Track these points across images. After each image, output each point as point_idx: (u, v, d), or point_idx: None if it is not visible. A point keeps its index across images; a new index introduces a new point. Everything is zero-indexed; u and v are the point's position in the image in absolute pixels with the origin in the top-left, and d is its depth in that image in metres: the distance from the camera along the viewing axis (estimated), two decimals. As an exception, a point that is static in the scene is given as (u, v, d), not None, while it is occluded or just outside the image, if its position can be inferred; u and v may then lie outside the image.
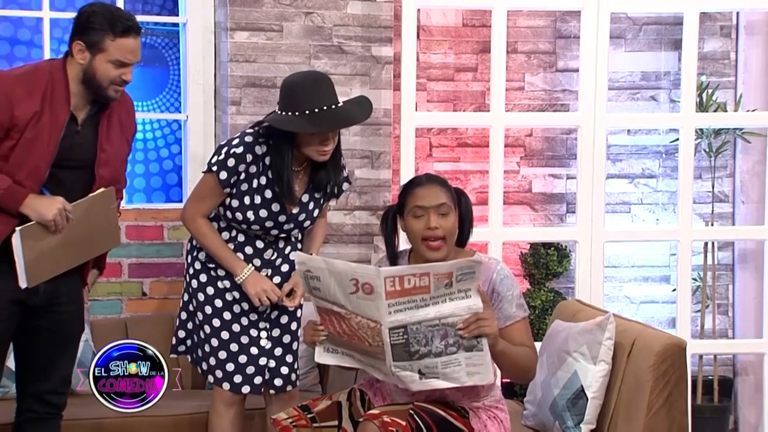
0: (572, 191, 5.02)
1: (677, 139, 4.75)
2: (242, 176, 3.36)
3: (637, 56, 5.13)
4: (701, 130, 4.86)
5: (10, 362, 3.58)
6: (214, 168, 3.36)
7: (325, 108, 3.28)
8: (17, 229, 3.10)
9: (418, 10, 4.63)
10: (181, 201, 4.63)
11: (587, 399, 3.37)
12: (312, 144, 3.32)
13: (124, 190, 3.52)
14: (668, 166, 5.14)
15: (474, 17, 5.01)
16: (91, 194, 3.22)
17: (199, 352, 3.48)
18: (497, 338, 2.84)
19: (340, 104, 3.34)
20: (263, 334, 3.47)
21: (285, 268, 3.50)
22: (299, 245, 3.55)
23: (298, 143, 3.34)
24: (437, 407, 2.96)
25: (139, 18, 4.94)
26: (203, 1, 4.60)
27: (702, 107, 4.81)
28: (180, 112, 4.85)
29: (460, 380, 2.85)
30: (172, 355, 3.58)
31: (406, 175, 4.38)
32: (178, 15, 4.77)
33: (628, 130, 5.13)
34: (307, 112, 3.27)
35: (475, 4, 4.84)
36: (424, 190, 3.04)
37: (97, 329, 4.22)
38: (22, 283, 3.14)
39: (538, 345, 3.79)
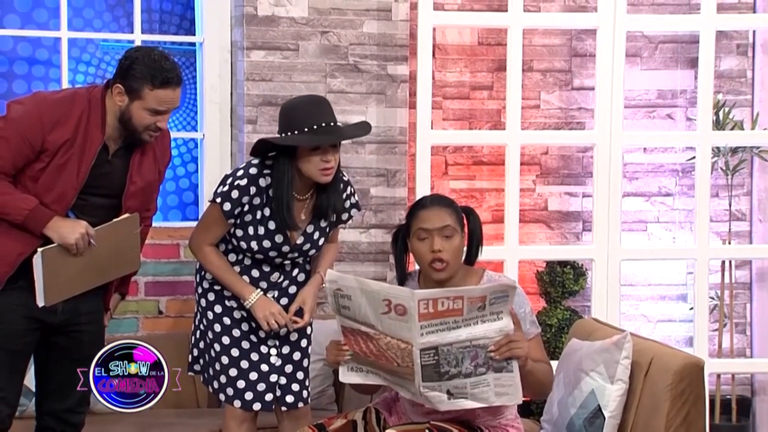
0: (588, 209, 5.01)
1: (694, 158, 4.74)
2: (246, 207, 3.38)
3: (654, 74, 5.12)
4: (718, 148, 4.84)
5: (29, 381, 3.60)
6: (218, 199, 3.38)
7: (324, 125, 3.30)
8: (39, 250, 3.12)
9: (434, 29, 4.64)
10: (197, 219, 4.64)
11: (604, 418, 3.35)
12: (312, 162, 3.32)
13: (153, 218, 3.54)
14: (685, 185, 5.12)
15: (489, 36, 5.02)
16: (115, 219, 3.25)
17: (210, 371, 3.49)
18: (528, 359, 2.86)
19: (339, 124, 3.36)
20: (273, 351, 3.47)
21: (293, 289, 3.51)
22: (307, 266, 3.56)
23: (299, 166, 3.34)
24: (453, 426, 2.95)
25: (157, 37, 5.02)
26: (220, 20, 4.63)
27: (719, 125, 4.80)
28: (196, 131, 4.87)
29: (488, 400, 2.86)
30: (190, 373, 3.60)
31: (422, 193, 4.38)
32: (194, 35, 4.80)
33: (645, 149, 5.12)
34: (306, 129, 3.28)
35: (491, 23, 4.85)
36: (428, 213, 3.04)
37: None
38: (40, 302, 3.16)
39: (554, 363, 3.79)
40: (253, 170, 3.38)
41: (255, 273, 3.45)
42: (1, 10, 4.90)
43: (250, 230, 3.40)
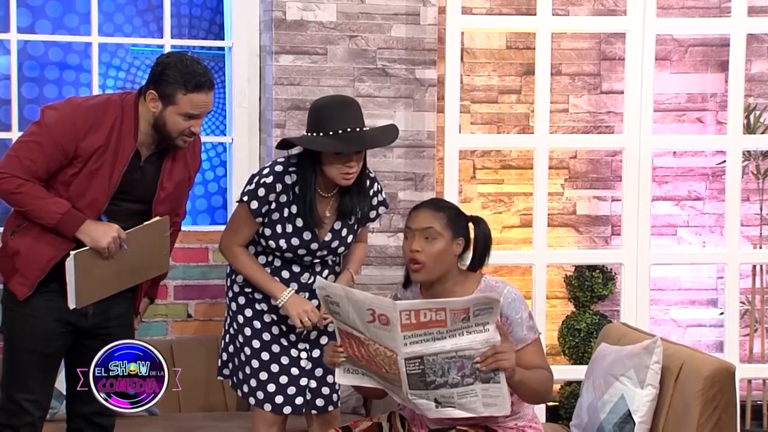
0: (617, 213, 4.99)
1: (724, 161, 4.71)
2: (273, 205, 3.39)
3: (683, 78, 5.10)
4: (749, 152, 4.81)
5: (59, 384, 3.62)
6: (245, 198, 3.39)
7: (349, 130, 3.30)
8: (72, 253, 3.14)
9: (462, 33, 4.64)
10: (225, 223, 4.66)
11: (634, 423, 3.33)
12: (335, 165, 3.33)
13: (182, 222, 3.56)
14: (715, 189, 5.09)
15: (518, 39, 5.01)
16: (146, 222, 3.27)
17: (240, 375, 3.49)
18: (515, 371, 2.83)
19: (366, 128, 3.35)
20: (303, 354, 3.48)
21: None
22: (336, 268, 3.56)
23: (322, 166, 3.35)
24: (478, 430, 2.95)
25: (186, 42, 5.04)
26: (249, 25, 4.65)
27: (749, 129, 4.77)
28: (225, 135, 4.89)
29: (476, 410, 2.86)
30: (219, 378, 3.61)
31: (450, 197, 4.37)
32: (223, 39, 4.82)
33: (674, 152, 5.09)
34: (331, 133, 3.29)
35: (519, 27, 4.84)
36: (416, 213, 3.06)
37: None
38: (71, 304, 3.19)
39: (583, 368, 3.77)
40: (278, 168, 3.40)
41: (285, 274, 3.46)
42: (32, 15, 4.94)
43: (278, 228, 3.40)
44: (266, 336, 3.45)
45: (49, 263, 3.20)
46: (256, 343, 3.45)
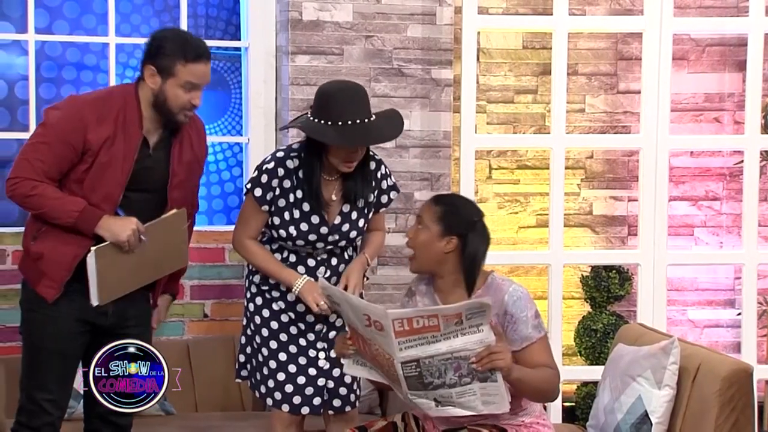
0: (634, 213, 4.97)
1: (742, 161, 4.69)
2: (277, 191, 3.39)
3: (701, 77, 5.08)
4: (766, 151, 4.79)
5: (77, 384, 3.63)
6: (249, 186, 3.41)
7: (357, 121, 3.29)
8: (92, 249, 3.15)
9: (478, 33, 4.63)
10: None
11: (651, 424, 3.32)
12: (339, 156, 3.34)
13: (195, 215, 3.56)
14: (732, 189, 5.07)
15: (534, 39, 5.00)
16: (164, 215, 3.27)
17: (257, 376, 3.49)
18: (511, 370, 2.84)
19: (372, 118, 3.34)
20: (321, 354, 3.47)
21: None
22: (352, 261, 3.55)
23: (326, 152, 3.36)
24: (487, 429, 2.96)
25: (202, 42, 5.05)
26: (265, 25, 4.66)
27: (767, 129, 4.74)
28: (241, 135, 4.90)
29: (476, 409, 2.87)
30: (237, 380, 3.60)
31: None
32: (240, 39, 4.83)
33: (691, 152, 5.07)
34: (339, 123, 3.28)
35: (536, 26, 4.83)
36: (424, 202, 3.15)
37: (159, 351, 4.24)
38: (94, 301, 3.20)
39: (600, 369, 3.76)
40: (279, 153, 3.42)
41: (301, 269, 3.45)
42: (50, 16, 4.96)
43: (286, 215, 3.40)
44: (283, 337, 3.45)
45: (74, 262, 3.21)
46: (273, 344, 3.45)
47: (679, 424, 3.32)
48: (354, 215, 3.47)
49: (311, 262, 3.46)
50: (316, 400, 3.46)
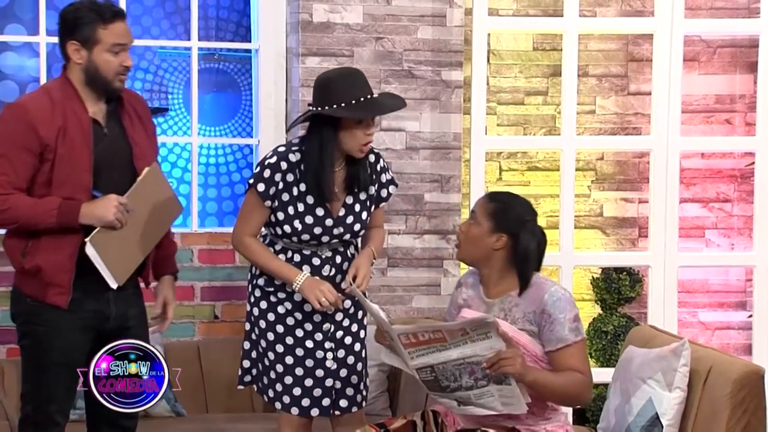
0: (644, 215, 4.96)
1: (753, 163, 4.68)
2: (280, 186, 3.38)
3: (712, 79, 5.07)
4: (778, 153, 4.77)
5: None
6: (251, 181, 3.39)
7: (369, 97, 3.33)
8: (87, 240, 3.12)
9: (489, 34, 4.63)
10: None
11: (662, 427, 3.31)
12: (356, 135, 3.33)
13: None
14: (744, 190, 5.06)
15: (545, 41, 5.00)
16: (138, 178, 3.22)
17: (265, 380, 3.47)
18: (523, 374, 2.86)
19: (376, 95, 3.40)
20: (329, 355, 3.46)
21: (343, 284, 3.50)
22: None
23: (340, 138, 3.35)
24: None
25: (213, 44, 5.06)
26: (275, 27, 4.66)
27: (778, 130, 4.73)
28: (252, 137, 4.90)
29: (496, 409, 2.91)
30: (240, 387, 3.58)
31: (476, 198, 4.35)
32: (250, 41, 4.84)
33: (702, 154, 5.06)
34: (353, 102, 3.30)
35: (546, 28, 4.83)
36: (479, 198, 3.24)
37: (170, 352, 4.25)
38: (113, 284, 3.18)
39: (610, 371, 3.75)
40: (281, 148, 3.42)
41: (306, 269, 3.42)
42: (61, 18, 4.98)
43: (290, 210, 3.39)
44: (289, 340, 3.44)
45: (73, 261, 3.17)
46: (279, 347, 3.44)
47: (690, 427, 3.31)
48: (357, 207, 3.46)
49: (316, 261, 3.45)
50: (325, 401, 3.45)
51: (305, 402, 3.44)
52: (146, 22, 5.08)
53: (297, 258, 3.45)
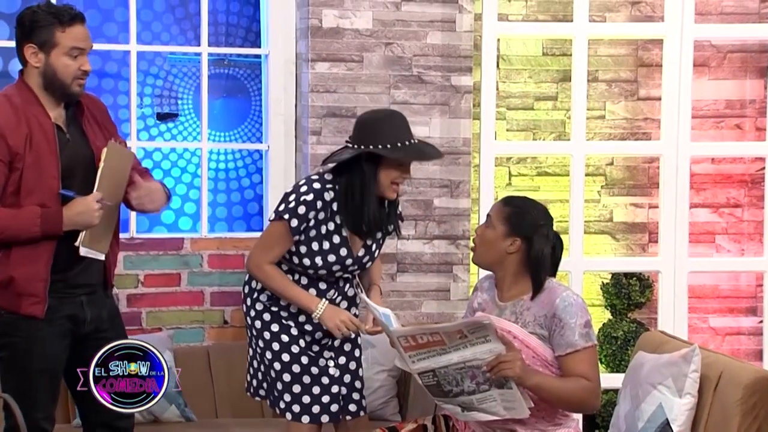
0: (654, 220, 4.95)
1: (763, 168, 4.66)
2: (311, 223, 3.38)
3: (722, 84, 5.05)
4: (788, 158, 4.76)
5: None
6: (285, 216, 3.36)
7: (412, 141, 3.37)
8: (80, 248, 3.12)
9: (498, 40, 4.63)
10: (261, 230, 4.69)
11: (672, 433, 3.30)
12: (392, 176, 3.36)
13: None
14: (754, 195, 5.04)
15: (554, 46, 5.00)
16: (100, 164, 3.18)
17: (275, 393, 3.48)
18: (523, 378, 2.87)
19: (416, 141, 3.41)
20: (331, 362, 3.49)
21: (344, 305, 3.51)
22: (354, 281, 3.56)
23: (375, 178, 3.36)
24: None
25: (223, 50, 5.08)
26: (285, 33, 4.67)
27: (789, 135, 4.72)
28: (261, 142, 4.91)
29: (498, 413, 2.92)
30: (257, 398, 3.58)
31: (486, 204, 4.36)
32: (260, 47, 4.85)
33: (712, 159, 5.05)
34: (398, 144, 3.33)
35: (556, 33, 4.82)
36: (495, 202, 3.27)
37: (180, 357, 4.27)
38: (101, 257, 3.22)
39: (620, 377, 3.75)
40: (316, 185, 3.39)
41: (312, 292, 3.45)
42: (71, 24, 4.99)
43: (315, 246, 3.39)
44: (295, 348, 3.45)
45: (48, 268, 3.15)
46: (285, 357, 3.44)
47: (701, 433, 3.31)
48: (374, 247, 3.50)
49: (322, 285, 3.46)
50: (334, 407, 3.46)
51: (315, 409, 3.44)
52: (156, 27, 5.10)
53: (304, 281, 3.46)
